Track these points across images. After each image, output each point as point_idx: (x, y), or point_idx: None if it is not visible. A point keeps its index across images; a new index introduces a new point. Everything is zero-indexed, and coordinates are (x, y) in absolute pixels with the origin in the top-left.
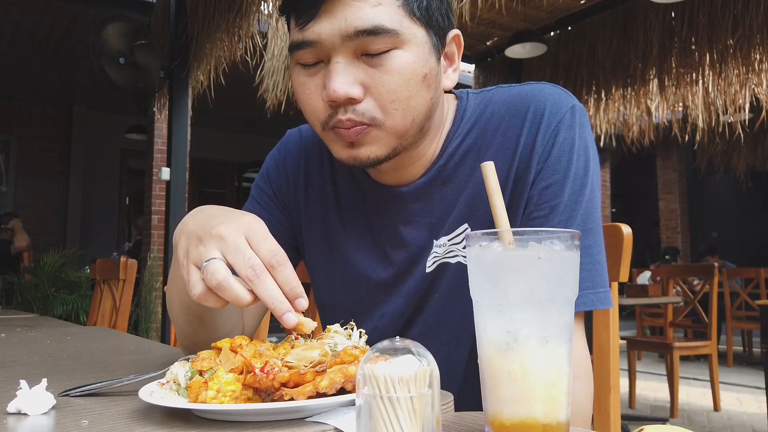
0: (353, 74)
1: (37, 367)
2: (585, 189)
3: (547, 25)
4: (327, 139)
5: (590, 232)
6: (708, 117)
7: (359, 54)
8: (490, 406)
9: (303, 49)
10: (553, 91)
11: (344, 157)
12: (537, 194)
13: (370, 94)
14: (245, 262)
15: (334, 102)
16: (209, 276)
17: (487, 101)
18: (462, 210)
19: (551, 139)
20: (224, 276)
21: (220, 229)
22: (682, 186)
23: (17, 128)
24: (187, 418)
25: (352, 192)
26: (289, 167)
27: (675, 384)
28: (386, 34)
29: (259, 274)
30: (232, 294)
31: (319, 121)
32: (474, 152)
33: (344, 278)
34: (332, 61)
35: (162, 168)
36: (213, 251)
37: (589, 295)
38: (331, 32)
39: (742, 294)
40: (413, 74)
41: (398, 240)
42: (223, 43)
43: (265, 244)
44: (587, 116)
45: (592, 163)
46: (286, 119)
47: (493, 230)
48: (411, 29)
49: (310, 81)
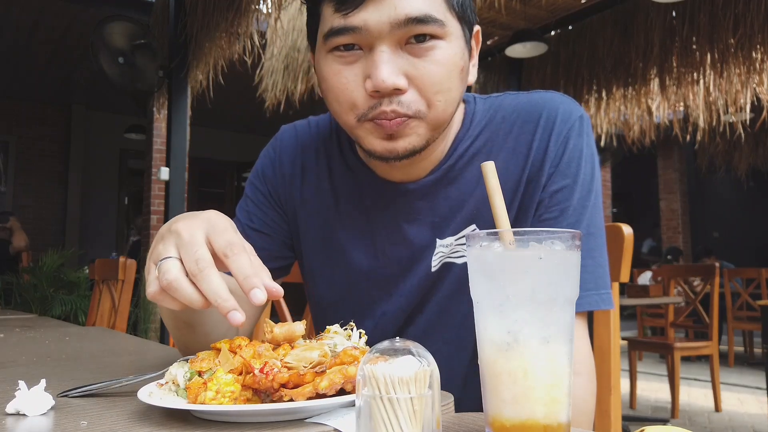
0: (398, 64)
1: (35, 368)
2: (591, 194)
3: (548, 25)
4: (361, 132)
5: (594, 235)
6: (709, 116)
7: (403, 43)
8: (491, 407)
9: (343, 35)
10: (563, 100)
11: (379, 150)
12: (548, 197)
13: (414, 86)
14: (191, 256)
15: (378, 93)
16: (161, 275)
17: (497, 106)
18: (470, 211)
19: (562, 145)
20: (175, 276)
21: (178, 225)
22: (683, 186)
23: (16, 128)
24: (186, 418)
25: (350, 189)
26: (284, 164)
27: (676, 384)
28: (434, 24)
29: (202, 269)
30: (182, 295)
31: (356, 113)
32: (483, 154)
33: (343, 276)
34: (377, 50)
35: (161, 168)
36: (170, 249)
37: (592, 296)
38: (379, 19)
39: (743, 294)
40: (455, 66)
41: (399, 237)
42: (222, 42)
43: (223, 236)
44: (591, 126)
45: (597, 170)
46: (286, 119)
47: (493, 230)
48: (452, 22)
49: (347, 70)
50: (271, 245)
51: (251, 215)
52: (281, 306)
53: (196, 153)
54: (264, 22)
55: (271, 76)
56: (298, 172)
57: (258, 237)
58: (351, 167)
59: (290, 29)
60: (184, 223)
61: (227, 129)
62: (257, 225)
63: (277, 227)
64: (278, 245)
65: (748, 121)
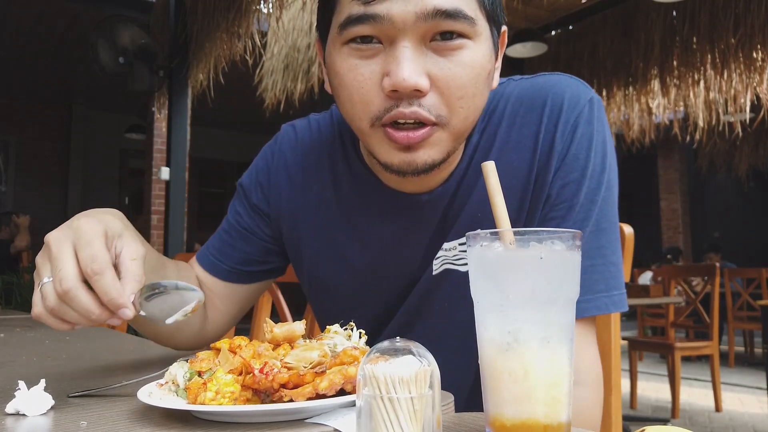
0: (421, 63)
1: (35, 368)
2: (601, 187)
3: (548, 24)
4: (374, 140)
5: (604, 231)
6: (709, 116)
7: (428, 40)
8: (491, 407)
9: (363, 24)
10: (569, 83)
11: (396, 163)
12: (555, 193)
13: (437, 88)
14: (56, 275)
15: (397, 92)
16: (44, 301)
17: (498, 97)
18: (473, 214)
19: (570, 134)
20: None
21: (49, 237)
22: (683, 186)
23: (16, 128)
24: (186, 419)
25: (355, 197)
26: (282, 172)
27: (676, 384)
28: (464, 20)
29: (67, 290)
30: (68, 317)
31: (370, 115)
32: (481, 152)
33: (345, 282)
34: (399, 45)
35: (161, 168)
36: (45, 267)
37: (602, 299)
38: (404, 9)
39: (744, 294)
40: (482, 70)
41: (405, 244)
42: (222, 42)
43: (86, 250)
44: (604, 109)
45: (609, 159)
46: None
47: (494, 230)
48: (482, 21)
49: (364, 65)
50: (252, 249)
51: (238, 215)
52: (281, 306)
53: (196, 153)
54: (265, 21)
55: (271, 76)
56: (298, 181)
57: (241, 238)
58: (355, 174)
59: (291, 29)
60: (56, 234)
61: (227, 129)
62: (242, 226)
63: (261, 233)
64: (261, 250)
65: (748, 121)
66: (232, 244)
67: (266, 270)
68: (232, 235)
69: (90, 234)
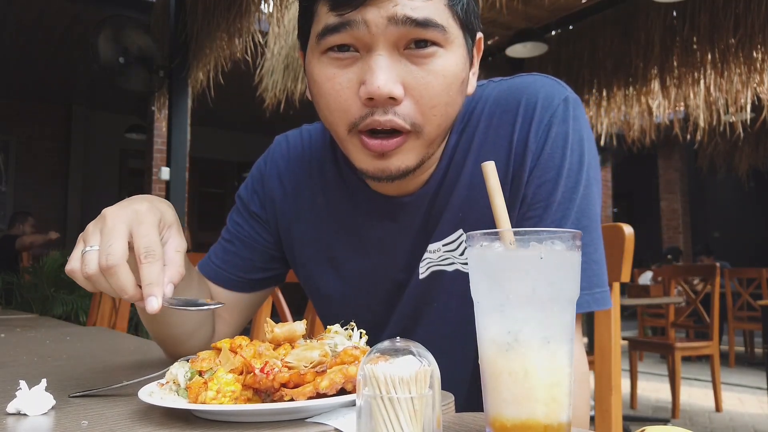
0: (396, 71)
1: (36, 368)
2: (579, 185)
3: (548, 24)
4: (350, 146)
5: (585, 229)
6: (709, 116)
7: (402, 48)
8: (491, 407)
9: (339, 33)
10: (544, 82)
11: (370, 170)
12: (531, 193)
13: (411, 96)
14: (104, 249)
15: (373, 100)
16: (83, 266)
17: (477, 99)
18: (454, 214)
19: (544, 134)
20: (77, 270)
21: (107, 211)
22: (683, 186)
23: (16, 128)
24: (187, 418)
25: (344, 202)
26: (275, 182)
27: (677, 384)
28: (435, 29)
29: (111, 265)
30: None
31: (347, 122)
32: (461, 153)
33: (339, 289)
34: (374, 53)
35: (161, 168)
36: (95, 235)
37: (584, 297)
38: (378, 14)
39: (744, 294)
40: (455, 78)
41: (392, 248)
42: (222, 42)
43: (144, 236)
44: (582, 107)
45: (587, 157)
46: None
47: (494, 230)
48: (454, 29)
49: (341, 74)
50: (255, 255)
51: (238, 225)
52: (281, 306)
53: (196, 153)
54: (265, 21)
55: (271, 76)
56: (291, 189)
57: (243, 247)
58: (345, 179)
59: (291, 29)
60: (115, 211)
61: (228, 129)
62: (243, 235)
63: (262, 240)
64: (263, 257)
65: (749, 121)
66: (235, 252)
67: (268, 277)
68: (234, 243)
69: (149, 220)
